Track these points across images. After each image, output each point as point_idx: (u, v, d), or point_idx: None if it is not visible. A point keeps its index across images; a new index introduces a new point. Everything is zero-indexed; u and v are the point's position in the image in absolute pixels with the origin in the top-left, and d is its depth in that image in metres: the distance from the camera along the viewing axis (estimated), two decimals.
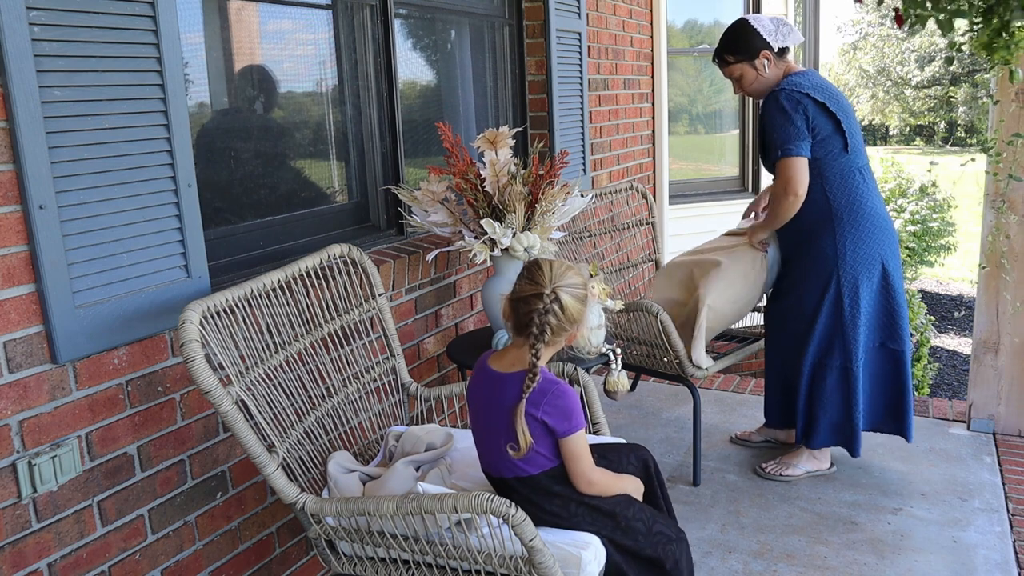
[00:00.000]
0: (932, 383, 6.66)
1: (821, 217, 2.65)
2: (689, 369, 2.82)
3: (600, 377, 3.62)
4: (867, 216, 2.63)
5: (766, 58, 2.67)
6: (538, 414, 1.63)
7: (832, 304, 2.68)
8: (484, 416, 1.71)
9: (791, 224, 2.71)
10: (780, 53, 2.68)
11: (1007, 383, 3.16)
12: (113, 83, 1.64)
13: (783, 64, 2.70)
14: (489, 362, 1.73)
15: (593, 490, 1.70)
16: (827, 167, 2.63)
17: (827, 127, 2.59)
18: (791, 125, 2.57)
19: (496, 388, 1.68)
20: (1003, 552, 2.44)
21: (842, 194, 2.63)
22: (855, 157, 2.64)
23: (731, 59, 2.72)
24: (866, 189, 2.65)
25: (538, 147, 2.85)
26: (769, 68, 2.67)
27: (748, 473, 2.97)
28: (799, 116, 2.57)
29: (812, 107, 2.57)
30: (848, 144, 2.61)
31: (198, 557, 1.92)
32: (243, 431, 1.61)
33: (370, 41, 2.68)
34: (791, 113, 2.57)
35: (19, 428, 1.53)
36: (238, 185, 2.27)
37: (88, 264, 1.61)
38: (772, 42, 2.65)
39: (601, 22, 4.10)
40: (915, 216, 9.00)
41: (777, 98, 2.61)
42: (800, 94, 2.57)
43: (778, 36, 2.66)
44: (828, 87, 2.64)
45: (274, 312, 1.89)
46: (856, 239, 2.63)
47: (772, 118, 2.62)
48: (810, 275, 2.71)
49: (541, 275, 1.64)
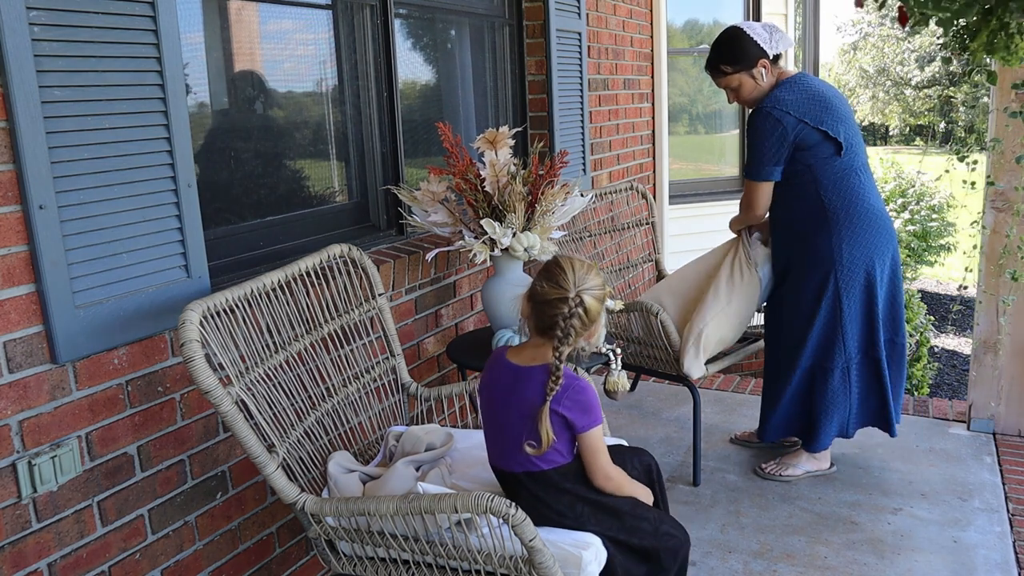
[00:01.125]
0: (932, 383, 6.66)
1: (817, 218, 2.64)
2: (688, 369, 2.82)
3: (600, 377, 3.62)
4: (864, 215, 2.62)
5: (763, 66, 2.64)
6: (559, 408, 1.64)
7: (830, 305, 2.67)
8: (501, 409, 1.72)
9: (788, 227, 2.72)
10: (774, 60, 2.67)
11: (1007, 383, 3.16)
12: (113, 83, 1.64)
13: (776, 71, 2.68)
14: (508, 356, 1.74)
15: (610, 485, 1.72)
16: (820, 171, 2.62)
17: (813, 136, 2.58)
18: (765, 147, 2.60)
19: (516, 381, 1.69)
20: (1003, 552, 2.44)
21: (837, 195, 2.62)
22: (850, 158, 2.63)
23: (728, 69, 2.68)
24: (863, 189, 2.64)
25: (538, 147, 2.85)
26: (766, 76, 2.65)
27: (748, 473, 2.97)
28: (775, 137, 2.58)
29: (792, 124, 2.57)
30: (842, 148, 2.60)
31: (198, 557, 1.92)
32: (243, 431, 1.61)
33: (370, 41, 2.68)
34: (768, 134, 2.59)
35: (19, 428, 1.53)
36: (238, 185, 2.27)
37: (88, 264, 1.61)
38: (768, 49, 2.63)
39: (601, 22, 4.10)
40: (915, 216, 9.00)
41: (760, 115, 2.61)
42: (781, 112, 2.57)
43: (772, 43, 2.64)
44: (816, 96, 2.60)
45: (274, 312, 1.89)
46: (853, 238, 2.62)
47: (751, 134, 2.66)
48: (807, 277, 2.70)
49: (565, 278, 1.65)
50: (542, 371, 1.67)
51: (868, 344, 2.73)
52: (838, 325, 2.68)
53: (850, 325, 2.67)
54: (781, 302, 2.82)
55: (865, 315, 2.69)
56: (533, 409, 1.65)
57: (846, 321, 2.67)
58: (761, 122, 2.61)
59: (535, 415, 1.64)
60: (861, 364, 2.74)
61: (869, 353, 2.73)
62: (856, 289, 2.66)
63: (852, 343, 2.69)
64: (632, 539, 1.70)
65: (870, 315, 2.69)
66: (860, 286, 2.66)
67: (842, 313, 2.66)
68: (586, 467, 1.72)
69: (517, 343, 1.84)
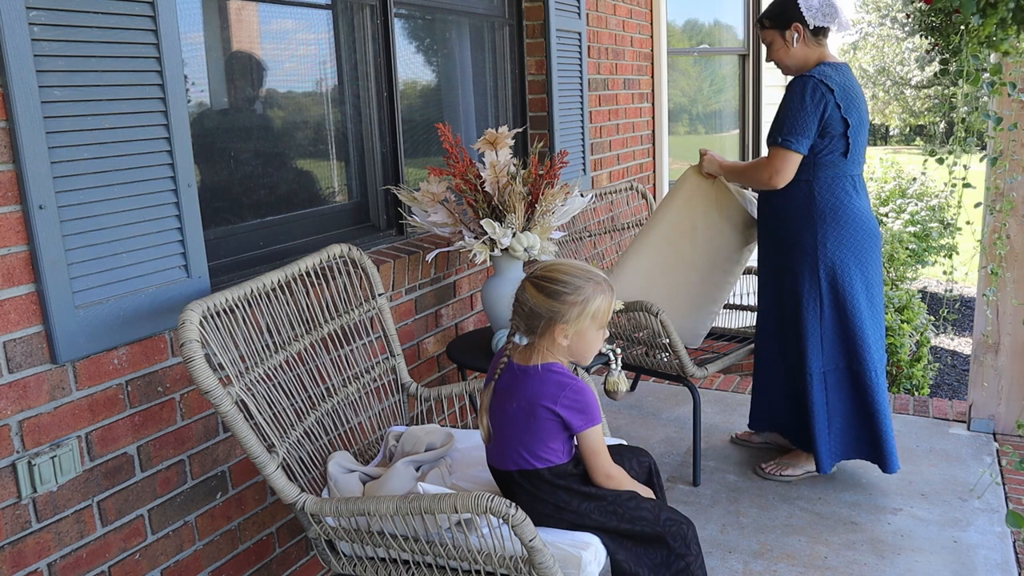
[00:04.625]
0: (932, 383, 6.65)
1: (805, 214, 2.63)
2: (689, 369, 2.82)
3: (600, 377, 3.62)
4: (852, 219, 2.61)
5: (796, 31, 2.58)
6: (556, 408, 1.65)
7: (813, 304, 2.66)
8: (499, 408, 1.73)
9: (775, 223, 2.71)
10: (815, 32, 2.59)
11: (1007, 383, 3.16)
12: (113, 83, 1.64)
13: (817, 47, 2.61)
14: (511, 355, 1.76)
15: (611, 484, 1.74)
16: (821, 165, 2.60)
17: (839, 128, 2.55)
18: (803, 117, 2.52)
19: (513, 379, 1.72)
20: (1003, 552, 2.44)
21: (829, 195, 2.61)
22: (851, 165, 2.62)
23: (767, 23, 2.66)
24: (855, 195, 2.63)
25: (538, 147, 2.85)
26: (798, 43, 2.59)
27: (748, 473, 2.97)
28: (816, 111, 2.51)
29: (832, 105, 2.52)
30: (849, 151, 2.59)
31: (198, 557, 1.92)
32: (243, 431, 1.61)
33: (370, 41, 2.67)
34: (809, 105, 2.51)
35: (19, 428, 1.53)
36: (238, 185, 2.27)
37: (88, 264, 1.61)
38: (809, 18, 2.56)
39: (601, 22, 4.10)
40: (915, 217, 9.00)
41: (805, 84, 2.54)
42: (826, 88, 2.52)
43: (818, 14, 2.56)
44: (855, 90, 2.59)
45: (274, 312, 1.89)
46: (838, 239, 2.60)
47: (790, 100, 2.57)
48: (792, 274, 2.70)
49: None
50: (540, 369, 1.68)
51: (850, 354, 2.67)
52: (816, 324, 2.66)
53: (830, 327, 2.66)
54: (769, 294, 2.82)
55: (849, 319, 2.65)
56: (530, 407, 1.66)
57: (827, 321, 2.66)
58: (804, 90, 2.52)
59: (533, 414, 1.66)
60: (841, 375, 2.70)
61: (851, 367, 2.68)
62: (840, 288, 2.64)
63: (831, 348, 2.67)
64: (635, 527, 1.71)
65: (854, 321, 2.65)
66: (843, 285, 2.63)
67: (823, 312, 2.65)
68: (586, 467, 1.73)
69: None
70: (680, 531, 1.73)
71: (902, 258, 7.59)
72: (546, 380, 1.68)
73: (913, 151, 22.27)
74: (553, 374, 1.69)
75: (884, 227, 8.64)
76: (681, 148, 5.50)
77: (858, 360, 2.66)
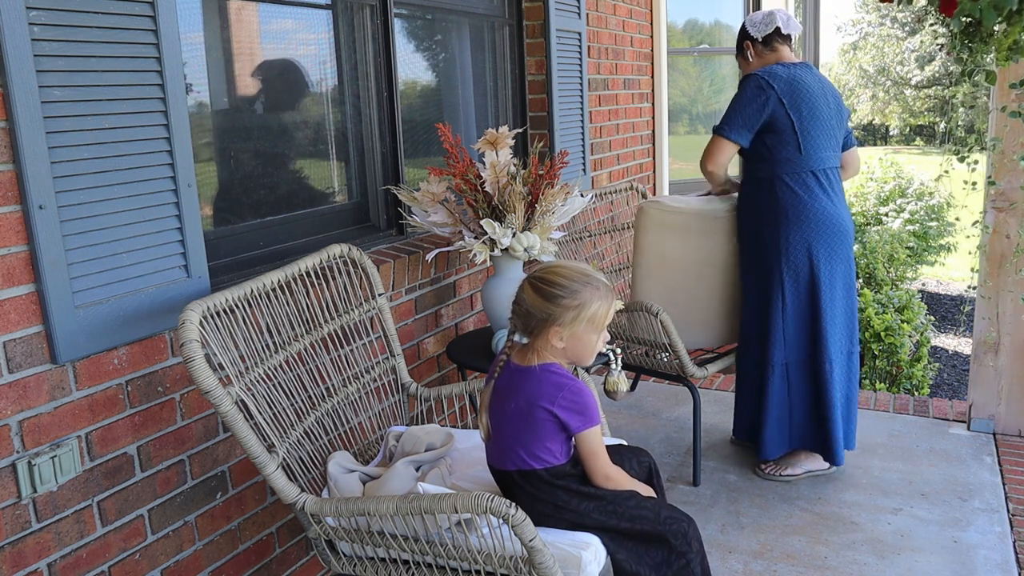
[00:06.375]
0: (932, 383, 6.65)
1: (766, 210, 2.70)
2: (689, 369, 2.82)
3: (600, 377, 3.62)
4: (812, 214, 2.64)
5: (748, 47, 2.81)
6: (553, 409, 1.65)
7: (775, 297, 2.70)
8: (498, 407, 1.73)
9: (745, 220, 2.78)
10: (765, 43, 2.76)
11: (1007, 383, 3.16)
12: (113, 83, 1.64)
13: (772, 53, 2.77)
14: (510, 355, 1.76)
15: (610, 485, 1.73)
16: (779, 161, 2.67)
17: (785, 123, 2.64)
18: (740, 109, 2.67)
19: (512, 379, 1.72)
20: (1003, 552, 2.44)
21: (790, 191, 2.66)
22: (810, 160, 2.66)
23: (736, 54, 2.91)
24: (819, 191, 2.66)
25: (538, 147, 2.85)
26: (754, 56, 2.80)
27: (748, 473, 2.97)
28: (754, 104, 2.65)
29: (774, 100, 2.63)
30: (800, 146, 2.64)
31: (198, 557, 1.92)
32: (243, 431, 1.61)
33: (370, 41, 2.67)
34: (751, 98, 2.66)
35: (19, 428, 1.53)
36: (238, 185, 2.27)
37: (88, 264, 1.61)
38: (754, 32, 2.77)
39: (601, 22, 4.10)
40: (915, 216, 8.99)
41: (748, 80, 2.70)
42: (767, 84, 2.64)
43: (760, 26, 2.77)
44: (804, 85, 2.65)
45: (274, 312, 1.89)
46: (799, 232, 2.65)
47: (736, 95, 2.73)
48: (756, 268, 2.75)
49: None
50: (537, 369, 1.68)
51: (812, 346, 2.71)
52: (779, 318, 2.70)
53: (792, 320, 2.70)
54: (750, 301, 2.84)
55: (809, 313, 2.69)
56: (528, 407, 1.66)
57: (788, 314, 2.69)
58: (748, 85, 2.69)
59: (530, 414, 1.65)
60: (803, 367, 2.74)
61: (814, 356, 2.72)
62: (801, 283, 2.67)
63: (793, 340, 2.71)
64: (635, 526, 1.70)
65: (815, 314, 2.69)
66: (804, 280, 2.67)
67: (785, 306, 2.69)
68: (585, 468, 1.73)
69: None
70: (681, 529, 1.72)
71: (902, 258, 7.58)
72: (544, 380, 1.68)
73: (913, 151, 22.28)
74: (551, 374, 1.68)
75: (884, 227, 8.63)
76: (681, 148, 5.50)
77: (818, 353, 2.71)
